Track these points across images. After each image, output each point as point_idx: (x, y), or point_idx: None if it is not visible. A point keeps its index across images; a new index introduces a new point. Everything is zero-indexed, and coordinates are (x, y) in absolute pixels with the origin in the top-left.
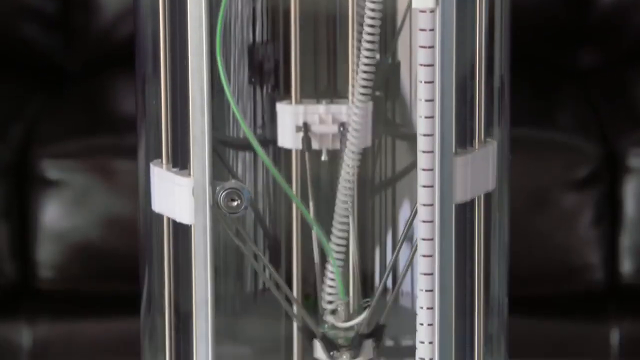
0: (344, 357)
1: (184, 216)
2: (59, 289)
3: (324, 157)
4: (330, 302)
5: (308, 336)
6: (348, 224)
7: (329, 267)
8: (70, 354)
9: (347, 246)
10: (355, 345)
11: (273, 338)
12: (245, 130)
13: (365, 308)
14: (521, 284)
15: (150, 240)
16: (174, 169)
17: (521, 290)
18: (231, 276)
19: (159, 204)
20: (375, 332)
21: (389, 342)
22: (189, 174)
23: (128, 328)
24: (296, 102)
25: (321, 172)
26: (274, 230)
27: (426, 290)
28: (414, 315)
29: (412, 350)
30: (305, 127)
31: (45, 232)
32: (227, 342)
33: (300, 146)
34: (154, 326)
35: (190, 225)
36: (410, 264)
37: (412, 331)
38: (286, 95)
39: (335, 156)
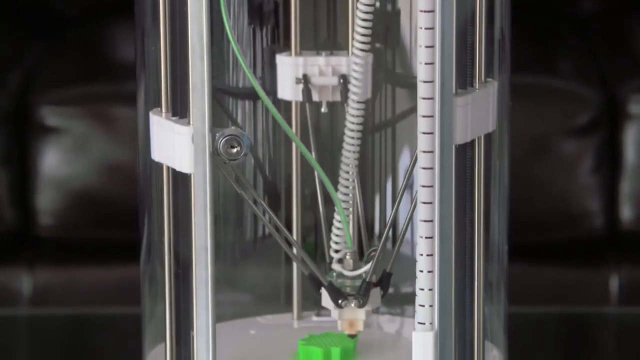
0: (352, 305)
1: (184, 165)
2: (58, 236)
3: (323, 109)
4: (337, 251)
5: (315, 285)
6: (354, 172)
7: (336, 215)
8: (70, 300)
9: (352, 195)
10: (362, 293)
11: (273, 285)
12: (247, 72)
13: (372, 257)
14: (521, 231)
15: (150, 188)
16: (174, 118)
17: (521, 237)
18: (231, 224)
19: (158, 153)
20: (382, 281)
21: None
22: (189, 123)
23: (127, 275)
24: (296, 54)
25: (321, 124)
26: (273, 177)
27: (426, 237)
28: (413, 262)
29: (411, 297)
30: (305, 79)
31: (44, 179)
32: (226, 289)
33: (300, 98)
34: (154, 273)
35: (190, 174)
36: (413, 212)
37: (412, 278)
38: (286, 47)
39: (335, 108)
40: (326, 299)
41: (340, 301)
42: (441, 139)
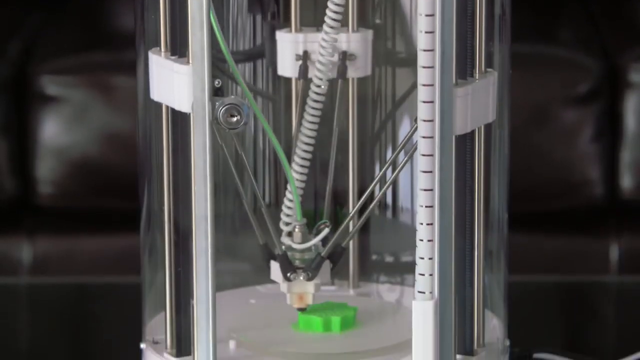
0: (301, 278)
1: (183, 104)
2: (58, 205)
3: (323, 86)
4: (287, 224)
5: (265, 257)
6: (311, 145)
7: (288, 187)
8: (70, 269)
9: (308, 168)
10: (312, 267)
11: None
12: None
13: (320, 230)
14: (521, 200)
15: (150, 156)
16: (173, 57)
17: (521, 206)
18: (231, 193)
19: (157, 93)
20: (334, 255)
21: (388, 259)
22: (188, 62)
23: (127, 244)
24: (296, 31)
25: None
26: (270, 147)
27: (426, 206)
28: (413, 231)
29: (411, 266)
30: (305, 56)
31: (44, 148)
32: (226, 258)
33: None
34: (154, 242)
35: (189, 115)
36: (381, 189)
37: (412, 247)
38: (286, 23)
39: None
40: (275, 272)
41: (289, 274)
42: (441, 107)
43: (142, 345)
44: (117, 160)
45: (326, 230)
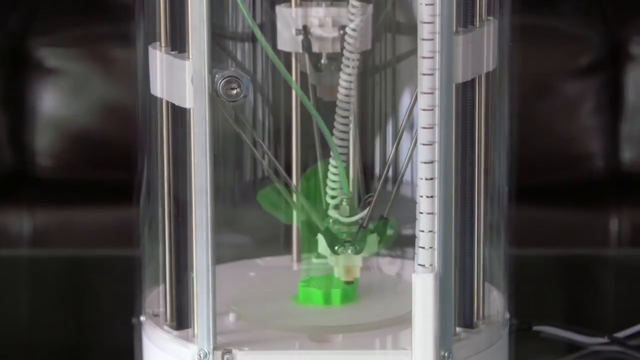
0: (349, 251)
1: (183, 100)
2: (57, 177)
3: (323, 60)
4: (333, 197)
5: (311, 231)
6: (350, 119)
7: (332, 161)
8: (70, 241)
9: (348, 141)
10: (359, 239)
11: (273, 227)
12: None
13: (368, 202)
14: (522, 173)
15: (149, 129)
16: (173, 52)
17: (522, 179)
18: (230, 165)
19: (158, 88)
20: (379, 227)
21: (389, 232)
22: (188, 57)
23: (126, 216)
24: (296, 5)
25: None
26: (273, 121)
27: (427, 179)
28: (414, 204)
29: (412, 239)
30: (305, 30)
31: (43, 120)
32: (226, 231)
33: (299, 49)
34: (154, 215)
35: (189, 110)
36: (411, 156)
37: (413, 220)
38: None
39: (334, 60)
40: (322, 246)
41: (336, 247)
42: (442, 78)
43: (142, 318)
44: (116, 132)
45: (373, 202)
